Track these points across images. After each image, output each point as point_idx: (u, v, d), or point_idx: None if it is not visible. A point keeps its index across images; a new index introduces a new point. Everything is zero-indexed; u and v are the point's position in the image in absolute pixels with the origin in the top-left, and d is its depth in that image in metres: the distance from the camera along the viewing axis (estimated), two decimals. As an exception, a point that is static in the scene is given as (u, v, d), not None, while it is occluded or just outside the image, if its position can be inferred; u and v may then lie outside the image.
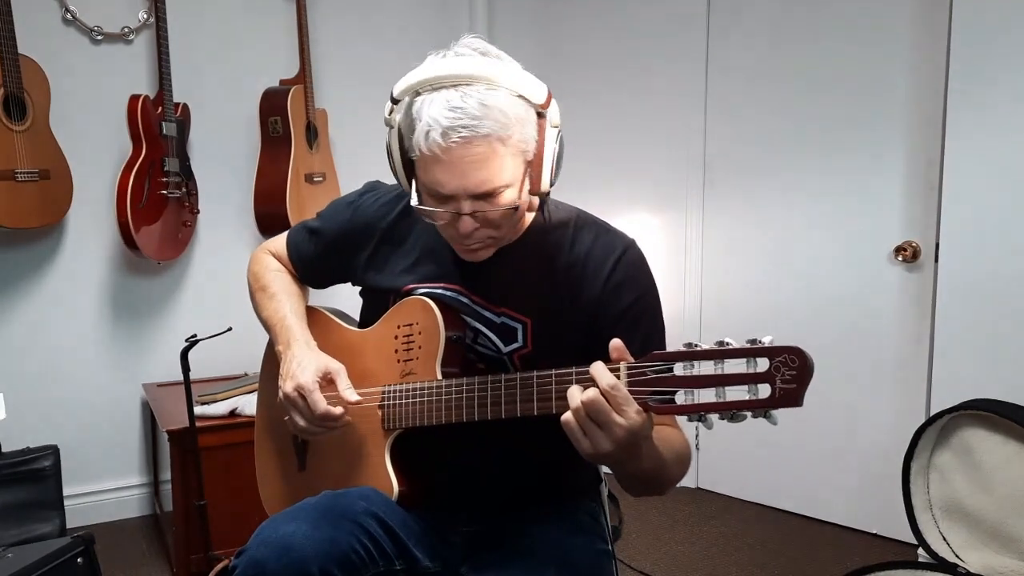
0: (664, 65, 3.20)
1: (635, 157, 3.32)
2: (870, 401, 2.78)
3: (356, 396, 1.31)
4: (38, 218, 2.67)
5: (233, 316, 2.42)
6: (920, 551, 2.29)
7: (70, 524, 2.61)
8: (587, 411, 1.03)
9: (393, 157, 1.23)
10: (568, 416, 1.05)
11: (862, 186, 2.74)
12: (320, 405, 1.28)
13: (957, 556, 2.12)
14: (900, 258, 2.65)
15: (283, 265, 1.53)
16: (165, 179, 2.83)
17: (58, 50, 2.81)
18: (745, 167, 3.06)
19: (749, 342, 0.98)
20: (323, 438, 1.36)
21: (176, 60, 2.88)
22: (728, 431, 1.03)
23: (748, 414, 0.99)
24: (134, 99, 2.76)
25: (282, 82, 3.12)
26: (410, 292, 1.34)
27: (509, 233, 1.27)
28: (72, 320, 2.95)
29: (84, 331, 2.98)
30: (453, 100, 1.12)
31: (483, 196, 1.16)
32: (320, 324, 1.47)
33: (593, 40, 3.40)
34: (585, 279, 1.29)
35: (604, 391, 1.03)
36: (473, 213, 1.17)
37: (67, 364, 2.95)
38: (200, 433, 2.37)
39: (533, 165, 1.20)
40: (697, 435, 3.17)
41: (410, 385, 1.29)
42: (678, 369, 1.02)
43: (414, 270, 1.37)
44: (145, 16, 2.94)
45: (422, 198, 1.20)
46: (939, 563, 2.12)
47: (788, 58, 2.89)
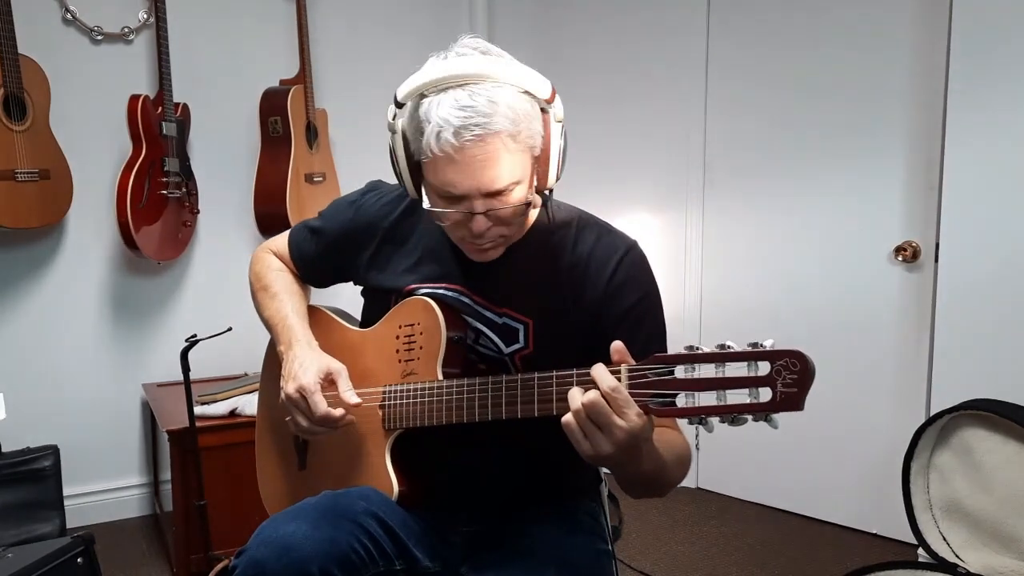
0: (664, 67, 3.20)
1: (635, 158, 3.32)
2: (870, 401, 2.78)
3: (356, 398, 1.31)
4: (38, 218, 2.67)
5: (233, 316, 2.42)
6: (920, 551, 2.30)
7: (70, 524, 2.61)
8: (588, 413, 1.03)
9: (398, 162, 1.22)
10: (569, 418, 1.05)
11: (862, 186, 2.74)
12: (321, 407, 1.28)
13: (957, 556, 2.13)
14: (900, 258, 2.65)
15: (285, 264, 1.53)
16: (165, 179, 2.83)
17: (58, 50, 2.81)
18: (745, 168, 3.05)
19: (750, 345, 0.98)
20: (323, 437, 1.36)
21: (176, 60, 2.88)
22: (728, 431, 1.03)
23: (749, 418, 0.98)
24: (134, 99, 2.76)
25: (282, 82, 3.12)
26: (412, 292, 1.34)
27: (518, 231, 1.27)
28: (72, 320, 2.95)
29: (84, 331, 2.98)
30: (462, 99, 1.11)
31: (495, 194, 1.15)
32: (322, 324, 1.47)
33: (593, 42, 3.40)
34: (587, 280, 1.29)
35: (605, 393, 1.03)
36: (486, 212, 1.17)
37: (67, 364, 2.95)
38: (200, 433, 2.37)
39: (540, 161, 1.20)
40: (697, 435, 3.17)
41: (411, 385, 1.29)
42: (679, 372, 1.02)
43: (416, 270, 1.36)
44: (145, 16, 2.94)
45: (432, 200, 1.20)
46: (939, 563, 2.13)
47: (788, 59, 2.88)
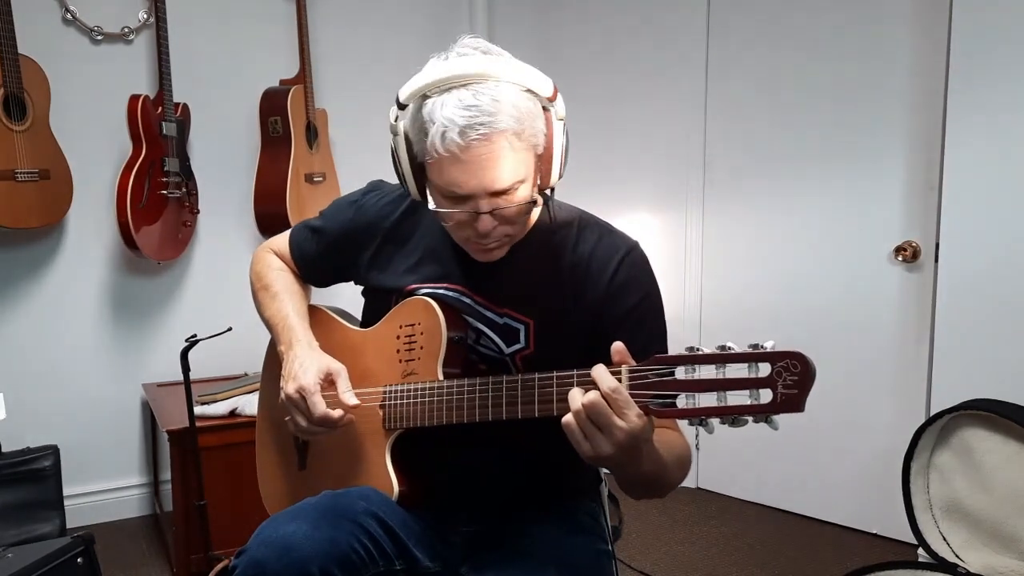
0: (664, 67, 3.20)
1: (635, 158, 3.32)
2: (870, 401, 2.78)
3: (355, 400, 1.30)
4: (38, 218, 2.67)
5: (233, 316, 2.42)
6: (920, 551, 2.30)
7: (70, 524, 2.61)
8: (588, 414, 1.03)
9: (400, 163, 1.21)
10: (569, 418, 1.05)
11: (862, 186, 2.74)
12: (319, 408, 1.28)
13: (957, 556, 2.12)
14: (900, 258, 2.65)
15: (285, 264, 1.53)
16: (165, 179, 2.83)
17: (58, 50, 2.81)
18: (745, 168, 3.05)
19: (751, 346, 0.98)
20: (324, 437, 1.36)
21: (176, 60, 2.88)
22: (729, 431, 1.03)
23: (749, 419, 0.98)
24: (134, 99, 2.76)
25: (282, 82, 3.12)
26: (412, 292, 1.34)
27: (521, 230, 1.27)
28: (72, 320, 2.95)
29: (84, 331, 2.98)
30: (466, 99, 1.11)
31: (500, 193, 1.15)
32: (322, 323, 1.47)
33: (593, 43, 3.40)
34: (588, 280, 1.28)
35: (605, 394, 1.03)
36: (491, 211, 1.17)
37: (67, 364, 2.95)
38: (200, 433, 2.37)
39: (543, 159, 1.20)
40: (697, 436, 3.17)
41: (411, 385, 1.28)
42: (679, 373, 1.02)
43: (417, 270, 1.36)
44: (145, 16, 2.94)
45: (436, 201, 1.20)
46: (939, 563, 2.12)
47: (788, 59, 2.88)
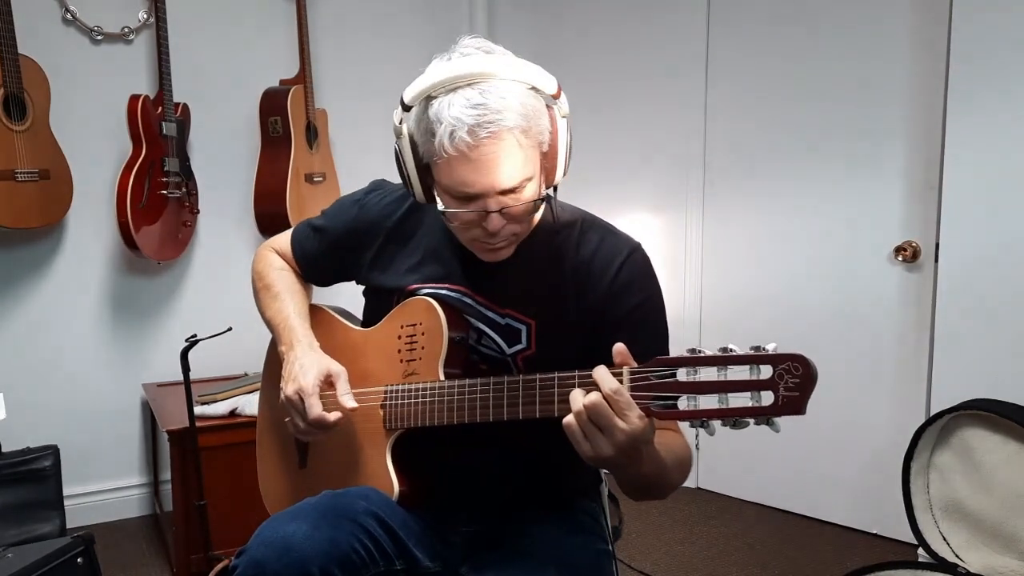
0: (664, 67, 3.20)
1: (635, 158, 3.32)
2: (870, 401, 2.78)
3: (354, 403, 1.30)
4: (38, 218, 2.66)
5: (233, 316, 2.42)
6: (920, 551, 2.30)
7: (70, 524, 2.61)
8: (589, 415, 1.03)
9: (405, 165, 1.21)
10: (570, 419, 1.05)
11: (862, 186, 2.74)
12: (314, 410, 1.28)
13: (957, 556, 2.13)
14: (900, 258, 2.65)
15: (287, 263, 1.53)
16: (165, 179, 2.83)
17: (58, 50, 2.81)
18: (745, 167, 3.05)
19: (753, 349, 0.98)
20: (324, 436, 1.36)
21: (176, 60, 2.88)
22: (729, 432, 1.03)
23: (751, 421, 0.98)
24: (134, 99, 2.76)
25: (282, 82, 3.12)
26: (414, 292, 1.34)
27: (527, 229, 1.27)
28: (72, 320, 2.95)
29: (84, 331, 2.98)
30: (473, 98, 1.11)
31: (508, 191, 1.15)
32: (323, 323, 1.47)
33: (593, 44, 3.40)
34: (590, 280, 1.28)
35: (606, 395, 1.02)
36: (500, 210, 1.16)
37: (67, 364, 2.95)
38: (200, 433, 2.37)
39: (548, 157, 1.20)
40: (697, 436, 3.17)
41: (412, 385, 1.28)
42: (681, 374, 1.02)
43: (418, 270, 1.36)
44: (145, 16, 2.94)
45: (444, 202, 1.20)
46: (939, 563, 2.13)
47: (788, 59, 2.88)
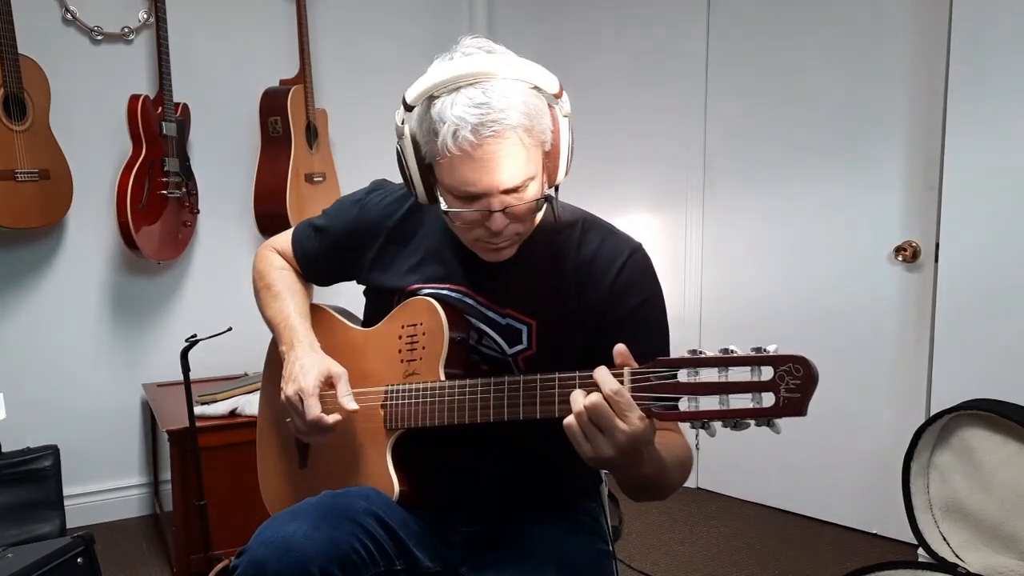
0: (664, 68, 3.20)
1: (635, 158, 3.32)
2: (870, 401, 2.78)
3: (355, 405, 1.30)
4: (38, 218, 2.66)
5: (233, 316, 2.42)
6: (920, 551, 2.30)
7: (70, 524, 2.61)
8: (590, 416, 1.03)
9: (408, 166, 1.21)
10: (570, 420, 1.04)
11: (862, 186, 2.74)
12: (313, 411, 1.28)
13: (957, 556, 2.12)
14: (900, 258, 2.65)
15: (288, 263, 1.53)
16: (165, 179, 2.83)
17: (58, 50, 2.81)
18: (745, 168, 3.05)
19: (754, 350, 0.98)
20: (324, 438, 1.36)
21: (176, 60, 2.88)
22: (729, 432, 1.03)
23: (751, 423, 0.98)
24: (134, 99, 2.76)
25: (282, 82, 3.12)
26: (415, 292, 1.34)
27: (530, 228, 1.26)
28: (72, 320, 2.95)
29: (84, 331, 2.98)
30: (476, 97, 1.11)
31: (512, 190, 1.15)
32: (324, 322, 1.47)
33: (593, 44, 3.40)
34: (592, 280, 1.28)
35: (607, 396, 1.02)
36: (503, 209, 1.16)
37: (67, 364, 2.95)
38: (200, 433, 2.37)
39: (550, 156, 1.20)
40: (697, 436, 3.16)
41: (413, 385, 1.28)
42: (682, 376, 1.02)
43: (419, 270, 1.36)
44: (145, 16, 2.94)
45: (447, 202, 1.19)
46: (939, 563, 2.12)
47: (789, 59, 2.88)
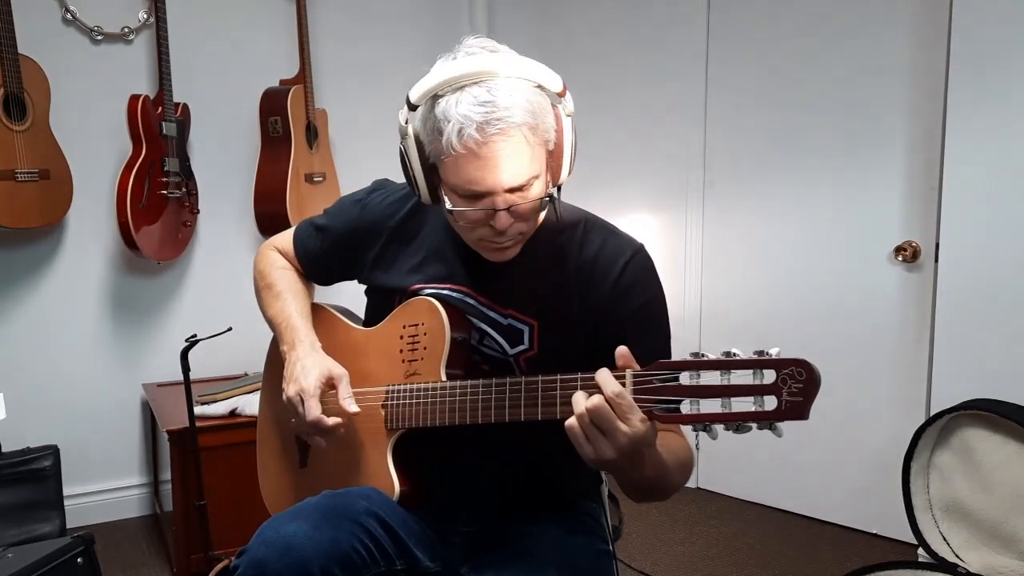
0: (664, 67, 3.20)
1: (635, 158, 3.32)
2: (870, 401, 2.78)
3: (355, 407, 1.30)
4: (38, 218, 2.66)
5: (233, 316, 2.42)
6: (920, 551, 2.30)
7: (70, 524, 2.61)
8: (591, 417, 1.03)
9: (411, 165, 1.21)
10: (572, 421, 1.04)
11: (862, 186, 2.74)
12: (312, 412, 1.28)
13: (957, 556, 2.13)
14: (900, 258, 2.65)
15: (289, 262, 1.53)
16: (165, 179, 2.83)
17: (58, 50, 2.81)
18: (745, 167, 3.05)
19: (756, 353, 0.98)
20: (324, 439, 1.36)
21: (176, 60, 2.88)
22: (730, 433, 1.03)
23: (753, 426, 0.98)
24: (134, 99, 2.76)
25: (282, 82, 3.12)
26: (416, 292, 1.34)
27: (533, 228, 1.26)
28: (72, 320, 2.95)
29: (84, 331, 2.98)
30: (481, 95, 1.11)
31: (516, 189, 1.15)
32: (325, 322, 1.47)
33: (593, 44, 3.40)
34: (593, 281, 1.28)
35: (609, 398, 1.02)
36: (508, 208, 1.16)
37: (67, 364, 2.95)
38: (200, 433, 2.37)
39: (553, 155, 1.20)
40: (697, 437, 3.17)
41: (414, 385, 1.28)
42: (684, 378, 1.02)
43: (421, 270, 1.36)
44: (145, 16, 2.94)
45: (451, 201, 1.19)
46: (939, 563, 2.13)
47: (789, 59, 2.88)
